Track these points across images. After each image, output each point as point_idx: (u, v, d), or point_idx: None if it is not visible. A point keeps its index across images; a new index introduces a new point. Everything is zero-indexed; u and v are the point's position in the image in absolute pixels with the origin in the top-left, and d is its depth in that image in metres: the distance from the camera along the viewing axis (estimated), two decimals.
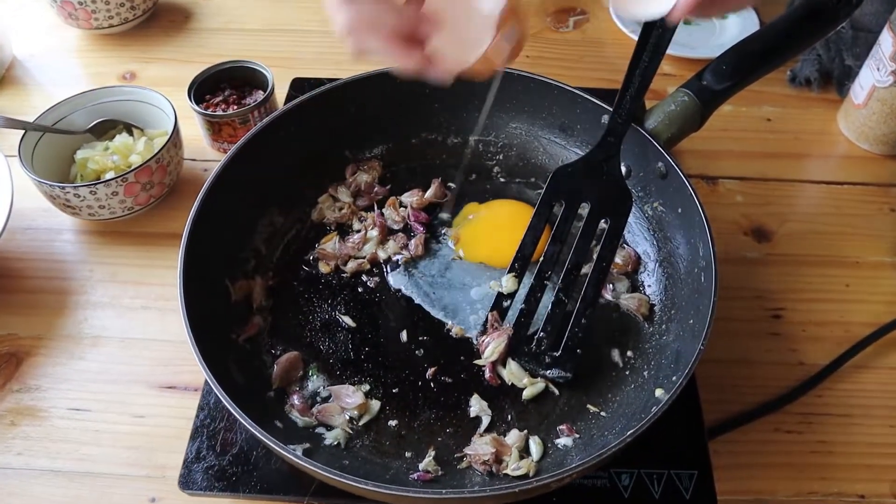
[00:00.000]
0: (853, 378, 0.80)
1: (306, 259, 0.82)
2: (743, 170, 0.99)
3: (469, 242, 0.82)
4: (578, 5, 1.25)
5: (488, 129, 0.90)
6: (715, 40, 1.17)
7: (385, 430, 0.69)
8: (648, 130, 0.76)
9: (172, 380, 0.78)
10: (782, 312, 0.85)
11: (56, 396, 0.77)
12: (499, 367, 0.72)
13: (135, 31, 1.19)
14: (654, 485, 0.66)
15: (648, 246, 0.80)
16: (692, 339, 0.66)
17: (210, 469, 0.66)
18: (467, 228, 0.84)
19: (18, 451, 0.73)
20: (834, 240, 0.92)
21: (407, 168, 0.90)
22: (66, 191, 0.84)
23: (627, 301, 0.77)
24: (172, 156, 0.90)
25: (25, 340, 0.81)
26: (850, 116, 1.03)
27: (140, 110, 0.96)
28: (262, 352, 0.74)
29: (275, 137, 0.80)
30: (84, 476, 0.72)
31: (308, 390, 0.72)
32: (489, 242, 0.82)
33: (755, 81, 0.79)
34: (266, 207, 0.82)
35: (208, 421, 0.69)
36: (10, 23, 1.19)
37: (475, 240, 0.83)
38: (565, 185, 0.75)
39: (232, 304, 0.75)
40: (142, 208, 0.89)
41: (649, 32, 0.73)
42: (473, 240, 0.83)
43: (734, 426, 0.75)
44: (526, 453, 0.67)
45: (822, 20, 0.79)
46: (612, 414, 0.69)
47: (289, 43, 1.18)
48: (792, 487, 0.72)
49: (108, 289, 0.86)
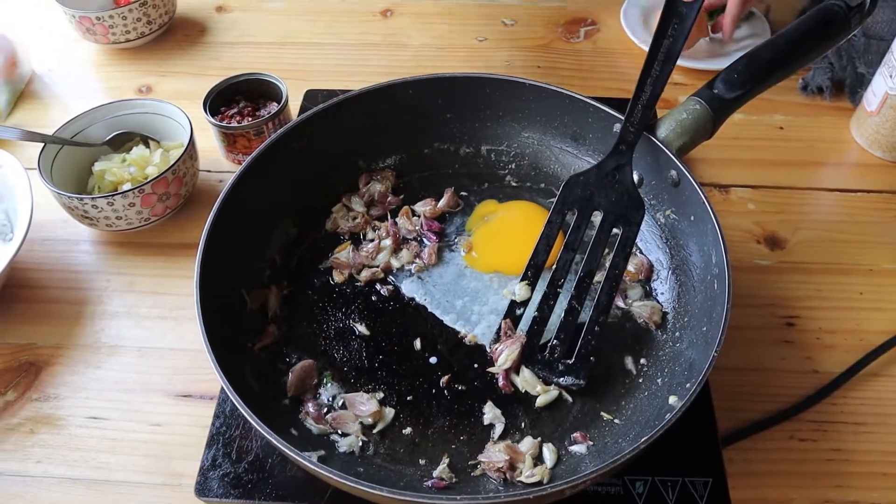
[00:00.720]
0: (868, 386, 0.79)
1: (320, 268, 0.82)
2: (755, 178, 1.00)
3: (482, 251, 0.83)
4: (590, 16, 1.26)
5: (501, 139, 0.90)
6: (727, 50, 1.17)
7: (399, 437, 0.69)
8: (660, 139, 0.76)
9: (188, 389, 0.79)
10: (796, 320, 0.84)
11: (74, 405, 0.78)
12: (512, 375, 0.72)
13: (151, 46, 1.21)
14: (668, 492, 0.66)
15: (661, 254, 0.81)
16: (705, 347, 0.66)
17: (226, 476, 0.67)
18: (480, 236, 0.84)
19: (37, 459, 0.74)
20: (847, 247, 0.92)
21: (420, 178, 0.90)
22: (84, 202, 0.85)
23: (640, 309, 0.77)
24: (188, 167, 0.91)
25: (44, 350, 0.83)
26: (862, 124, 1.03)
27: (156, 123, 0.97)
28: (277, 360, 0.74)
29: (289, 149, 0.81)
30: (102, 484, 0.73)
31: (322, 398, 0.72)
32: (502, 250, 0.82)
33: (767, 90, 0.79)
34: (281, 217, 0.83)
35: (224, 429, 0.70)
36: (30, 38, 1.21)
37: (488, 248, 0.83)
38: (578, 194, 0.76)
39: (247, 313, 0.76)
40: (158, 219, 0.91)
41: (660, 42, 0.73)
42: (486, 248, 0.83)
43: (748, 434, 0.74)
44: (540, 460, 0.67)
45: (833, 28, 0.80)
46: (625, 421, 0.69)
47: (302, 56, 1.20)
48: (807, 496, 0.72)
49: (125, 299, 0.87)
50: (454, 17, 1.27)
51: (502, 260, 0.81)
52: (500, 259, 0.81)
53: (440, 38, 1.23)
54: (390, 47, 1.21)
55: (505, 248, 0.82)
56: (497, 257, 0.82)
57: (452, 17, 1.27)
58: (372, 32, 1.24)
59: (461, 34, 1.23)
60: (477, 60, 1.18)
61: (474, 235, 0.84)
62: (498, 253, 0.82)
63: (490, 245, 0.83)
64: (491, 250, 0.83)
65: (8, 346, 0.83)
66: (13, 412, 0.77)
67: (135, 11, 1.14)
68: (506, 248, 0.82)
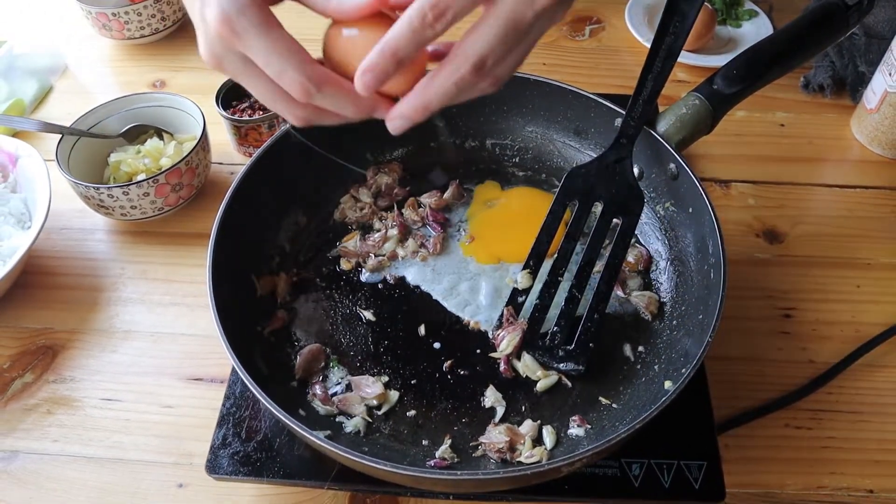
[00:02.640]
0: (864, 376, 0.81)
1: (329, 256, 0.85)
2: (756, 174, 1.01)
3: (484, 242, 0.85)
4: (594, 14, 1.28)
5: (505, 133, 0.92)
6: (728, 48, 1.19)
7: (403, 419, 0.71)
8: (660, 133, 0.78)
9: (199, 372, 0.81)
10: (793, 312, 0.86)
11: (89, 387, 0.81)
12: (513, 360, 0.74)
13: (165, 41, 1.23)
14: (663, 475, 0.67)
15: (660, 245, 0.83)
16: (701, 334, 0.67)
17: (235, 455, 0.69)
18: (483, 226, 0.86)
19: (54, 438, 0.77)
20: (846, 242, 0.93)
21: (426, 170, 0.92)
22: (100, 191, 0.88)
23: (637, 299, 0.79)
24: (201, 158, 0.93)
25: (61, 334, 0.85)
26: (862, 121, 1.04)
27: (170, 116, 1.00)
28: (286, 344, 0.77)
29: (297, 141, 0.83)
30: (115, 462, 0.75)
31: (329, 381, 0.74)
32: (505, 238, 0.84)
33: (766, 86, 0.81)
34: (290, 207, 0.85)
35: (234, 409, 0.72)
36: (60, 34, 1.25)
37: (490, 239, 0.85)
38: (579, 185, 0.78)
39: (257, 299, 0.78)
40: (171, 209, 0.93)
41: (662, 39, 0.75)
42: (489, 239, 0.85)
43: (745, 421, 0.76)
44: (539, 442, 0.69)
45: (832, 25, 0.81)
46: (623, 406, 0.71)
47: (312, 50, 1.21)
48: (801, 482, 0.73)
49: (138, 286, 0.90)
50: None
51: (505, 249, 0.83)
52: (503, 248, 0.83)
53: (448, 36, 1.24)
54: None
55: (508, 237, 0.84)
56: (500, 246, 0.84)
57: None
58: None
59: None
60: None
61: (477, 225, 0.86)
62: (500, 243, 0.84)
63: (492, 235, 0.85)
64: (493, 241, 0.85)
65: (26, 330, 0.86)
66: (31, 393, 0.80)
67: (150, 8, 1.16)
68: (509, 236, 0.84)
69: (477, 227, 0.86)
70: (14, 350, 0.84)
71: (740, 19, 1.23)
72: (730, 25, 1.23)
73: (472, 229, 0.86)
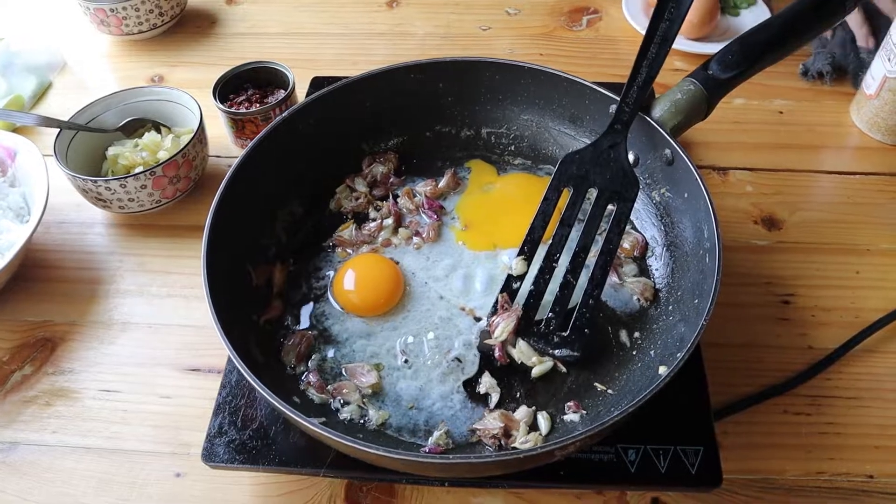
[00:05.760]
0: (863, 362, 0.80)
1: (324, 246, 0.85)
2: (754, 161, 1.01)
3: (479, 227, 0.85)
4: (592, 5, 1.28)
5: (500, 121, 0.92)
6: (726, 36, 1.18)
7: (398, 406, 0.71)
8: (655, 119, 0.78)
9: (196, 363, 0.82)
10: (792, 298, 0.86)
11: (88, 378, 0.81)
12: (508, 347, 0.74)
13: (163, 37, 1.24)
14: (660, 460, 0.67)
15: (656, 231, 0.82)
16: (696, 319, 0.67)
17: (231, 443, 0.69)
18: (477, 210, 0.86)
19: (53, 429, 0.77)
20: (845, 228, 0.93)
21: (421, 159, 0.92)
22: (98, 184, 0.88)
23: (633, 285, 0.78)
24: (198, 151, 0.94)
25: (59, 326, 0.86)
26: (862, 107, 1.04)
27: (168, 109, 1.00)
28: (281, 333, 0.77)
29: (293, 131, 0.83)
30: (114, 452, 0.75)
31: (324, 369, 0.74)
32: (499, 224, 0.84)
33: (762, 71, 0.80)
34: (286, 197, 0.85)
35: (230, 398, 0.72)
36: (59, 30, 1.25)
37: (486, 224, 0.85)
38: (574, 171, 0.77)
39: (253, 289, 0.78)
40: (169, 201, 0.93)
41: (657, 25, 0.75)
42: (484, 224, 0.85)
43: (743, 408, 0.76)
44: (534, 428, 0.69)
45: (827, 10, 0.81)
46: (618, 391, 0.71)
47: (308, 45, 1.22)
48: (800, 467, 0.73)
49: (136, 278, 0.90)
50: (459, 6, 1.29)
51: (500, 235, 0.83)
52: (497, 234, 0.83)
53: (444, 28, 1.25)
54: (395, 36, 1.24)
55: (502, 224, 0.84)
56: (494, 233, 0.83)
57: (457, 6, 1.29)
58: (377, 22, 1.26)
59: (465, 23, 1.26)
60: (479, 48, 1.20)
61: (471, 211, 0.86)
62: (495, 229, 0.84)
63: (487, 222, 0.85)
64: (488, 227, 0.85)
65: (25, 323, 0.86)
66: (30, 385, 0.81)
67: (147, 3, 1.17)
68: (503, 223, 0.84)
69: (471, 213, 0.86)
70: (13, 342, 0.84)
71: (738, 7, 1.22)
72: (728, 14, 1.22)
73: (465, 216, 0.86)
